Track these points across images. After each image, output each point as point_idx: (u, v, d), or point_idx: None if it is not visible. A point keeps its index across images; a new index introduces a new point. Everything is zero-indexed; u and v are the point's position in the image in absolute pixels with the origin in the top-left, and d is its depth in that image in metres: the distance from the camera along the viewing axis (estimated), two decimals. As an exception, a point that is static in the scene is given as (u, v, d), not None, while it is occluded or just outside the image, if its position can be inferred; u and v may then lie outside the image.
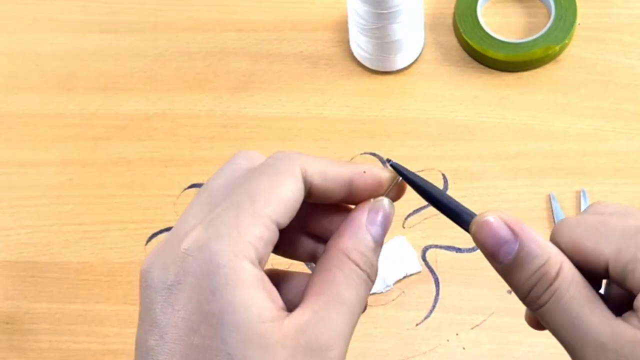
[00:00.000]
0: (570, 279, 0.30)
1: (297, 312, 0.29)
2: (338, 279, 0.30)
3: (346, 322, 0.30)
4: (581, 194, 0.59)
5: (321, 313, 0.29)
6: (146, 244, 0.62)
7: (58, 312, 0.60)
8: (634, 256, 0.28)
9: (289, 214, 0.30)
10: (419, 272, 0.58)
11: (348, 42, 0.67)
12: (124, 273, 0.61)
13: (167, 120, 0.66)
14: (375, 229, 0.32)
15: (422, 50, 0.66)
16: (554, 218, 0.59)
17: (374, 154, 0.63)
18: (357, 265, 0.31)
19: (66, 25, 0.72)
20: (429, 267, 0.58)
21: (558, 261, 0.30)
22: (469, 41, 0.65)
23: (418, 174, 0.36)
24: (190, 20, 0.71)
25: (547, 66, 0.65)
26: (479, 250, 0.57)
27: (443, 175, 0.62)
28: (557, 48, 0.63)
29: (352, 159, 0.63)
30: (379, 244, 0.32)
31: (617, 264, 0.29)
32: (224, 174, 0.32)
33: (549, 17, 0.66)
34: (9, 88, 0.69)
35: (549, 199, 0.59)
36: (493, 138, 0.63)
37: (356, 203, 0.33)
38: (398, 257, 0.58)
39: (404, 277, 0.58)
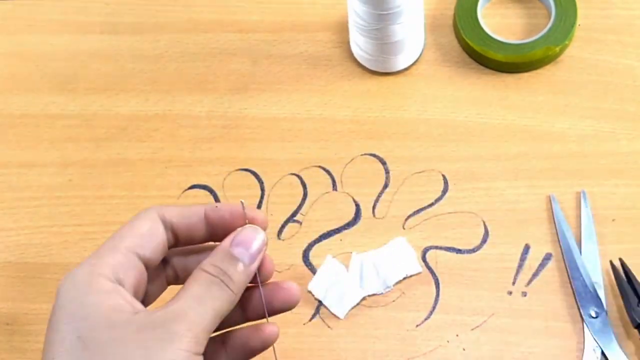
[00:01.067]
0: None
1: (153, 309, 0.35)
2: (189, 284, 0.36)
3: (191, 307, 0.35)
4: (581, 195, 0.59)
5: (169, 303, 0.35)
6: (146, 244, 0.62)
7: (58, 313, 0.60)
8: None
9: (150, 248, 0.38)
10: (419, 273, 0.58)
11: (348, 43, 0.67)
12: (124, 274, 0.61)
13: (167, 121, 0.66)
14: (238, 250, 0.37)
15: (422, 51, 0.66)
16: (554, 219, 0.59)
17: (374, 155, 0.63)
18: (209, 273, 0.36)
19: (66, 26, 0.72)
20: (429, 268, 0.58)
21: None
22: (469, 42, 0.65)
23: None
24: (190, 21, 0.71)
25: (547, 67, 0.65)
26: (479, 252, 0.57)
27: (443, 176, 0.62)
28: (557, 49, 0.64)
29: (352, 159, 0.63)
30: (245, 262, 0.37)
31: None
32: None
33: (549, 18, 0.66)
34: (9, 89, 0.69)
35: (549, 200, 0.59)
36: (493, 139, 0.63)
37: (217, 236, 0.40)
38: (398, 258, 0.58)
39: (404, 278, 0.58)
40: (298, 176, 0.63)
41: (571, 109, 0.63)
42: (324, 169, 0.63)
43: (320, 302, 0.58)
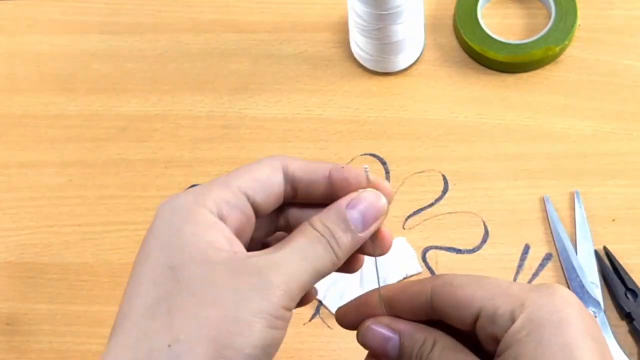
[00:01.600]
0: (443, 345, 0.34)
1: (251, 252, 0.33)
2: (294, 236, 0.34)
3: (292, 259, 0.33)
4: (575, 195, 0.59)
5: (270, 250, 0.33)
6: (146, 245, 0.62)
7: (58, 313, 0.60)
8: (506, 303, 0.32)
9: (264, 193, 0.35)
10: (419, 273, 0.58)
11: (348, 43, 0.67)
12: (124, 274, 0.61)
13: (167, 121, 0.66)
14: (353, 213, 0.34)
15: (422, 51, 0.66)
16: (548, 221, 0.59)
17: (374, 155, 0.63)
18: (316, 230, 0.34)
19: (66, 26, 0.72)
20: (429, 268, 0.58)
21: (432, 337, 0.35)
22: (469, 42, 0.65)
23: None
24: (190, 21, 0.71)
25: (547, 67, 0.65)
26: (479, 252, 0.57)
27: (443, 176, 0.62)
28: (557, 49, 0.64)
29: (352, 160, 0.63)
30: (356, 227, 0.34)
31: (489, 308, 0.32)
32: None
33: (549, 18, 0.66)
34: (9, 89, 0.69)
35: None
36: (493, 139, 0.63)
37: (339, 193, 0.36)
38: (398, 258, 0.58)
39: (404, 278, 0.58)
40: (298, 176, 0.63)
41: (571, 109, 0.63)
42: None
43: (320, 302, 0.58)
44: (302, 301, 0.37)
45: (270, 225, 0.39)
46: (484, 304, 0.33)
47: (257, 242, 0.39)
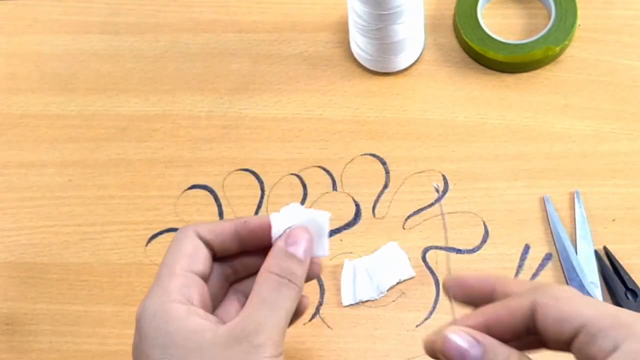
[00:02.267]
0: None
1: (231, 321, 0.39)
2: (260, 288, 0.40)
3: (269, 315, 0.39)
4: (575, 195, 0.59)
5: (246, 313, 0.39)
6: (146, 245, 0.62)
7: (58, 313, 0.60)
8: (611, 325, 0.32)
9: (200, 263, 0.42)
10: (412, 278, 0.58)
11: (348, 43, 0.67)
12: (124, 274, 0.61)
13: (167, 121, 0.66)
14: (296, 248, 0.41)
15: (422, 52, 0.66)
16: (548, 221, 0.59)
17: (374, 155, 0.63)
18: (276, 274, 0.40)
19: (66, 26, 0.72)
20: (429, 268, 0.58)
21: (516, 355, 0.35)
22: (469, 42, 0.65)
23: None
24: (190, 21, 0.71)
25: (547, 67, 0.65)
26: (479, 252, 0.57)
27: (443, 176, 0.62)
28: (557, 49, 0.64)
29: (352, 160, 0.63)
30: (301, 258, 0.41)
31: (593, 327, 0.32)
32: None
33: (549, 18, 0.66)
34: (9, 89, 0.69)
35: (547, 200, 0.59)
36: (493, 139, 0.63)
37: (255, 249, 0.43)
38: (391, 263, 0.58)
39: (398, 283, 0.58)
40: (298, 176, 0.63)
41: (571, 109, 0.63)
42: (324, 169, 0.63)
43: (320, 302, 0.58)
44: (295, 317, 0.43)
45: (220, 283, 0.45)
46: (586, 321, 0.33)
47: (216, 301, 0.45)
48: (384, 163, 0.63)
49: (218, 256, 0.44)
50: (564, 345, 0.34)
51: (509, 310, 0.36)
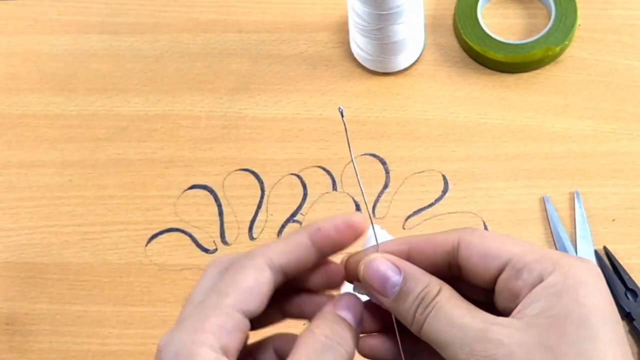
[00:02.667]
0: (449, 294, 0.33)
1: None
2: (301, 347, 0.33)
3: None
4: (575, 195, 0.59)
5: None
6: (146, 245, 0.62)
7: (58, 313, 0.60)
8: (537, 260, 0.32)
9: (256, 302, 0.34)
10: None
11: (348, 43, 0.67)
12: (124, 274, 0.61)
13: (167, 121, 0.66)
14: (344, 313, 0.35)
15: (422, 51, 0.66)
16: (549, 221, 0.59)
17: (374, 155, 0.63)
18: (323, 335, 0.34)
19: (66, 26, 0.72)
20: (429, 268, 0.58)
21: (438, 284, 0.34)
22: (469, 42, 0.65)
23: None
24: (190, 21, 0.71)
25: (547, 67, 0.65)
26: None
27: (443, 176, 0.62)
28: (557, 49, 0.64)
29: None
30: (351, 322, 0.35)
31: (518, 262, 0.32)
32: (201, 282, 0.36)
33: (549, 18, 0.66)
34: (9, 89, 0.69)
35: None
36: (493, 139, 0.63)
37: (330, 255, 0.37)
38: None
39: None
40: (298, 176, 0.63)
41: (571, 109, 0.63)
42: (324, 169, 0.63)
43: (320, 302, 0.58)
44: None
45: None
46: (512, 257, 0.33)
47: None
48: (384, 163, 0.63)
49: (293, 276, 0.37)
50: (487, 282, 0.34)
51: (432, 243, 0.35)
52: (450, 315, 0.32)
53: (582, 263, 0.32)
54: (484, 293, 0.35)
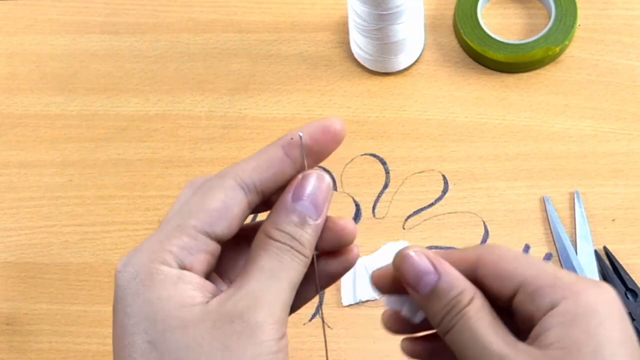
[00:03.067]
0: (479, 306, 0.32)
1: (222, 293, 0.31)
2: (257, 255, 0.32)
3: (266, 288, 0.31)
4: (575, 195, 0.59)
5: (240, 284, 0.31)
6: (146, 245, 0.62)
7: (58, 313, 0.60)
8: (549, 284, 0.31)
9: (223, 224, 0.32)
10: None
11: (348, 43, 0.67)
12: (124, 274, 0.61)
13: (167, 121, 0.66)
14: (302, 204, 0.32)
15: (422, 52, 0.66)
16: (549, 221, 0.59)
17: (374, 155, 0.63)
18: (276, 240, 0.32)
19: (66, 26, 0.72)
20: (429, 268, 0.58)
21: (471, 292, 0.33)
22: (469, 42, 0.65)
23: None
24: (190, 21, 0.71)
25: (547, 67, 0.65)
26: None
27: (443, 176, 0.62)
28: (557, 49, 0.64)
29: (352, 160, 0.63)
30: (311, 217, 0.33)
31: (530, 285, 0.32)
32: (174, 205, 0.34)
33: (549, 18, 0.66)
34: (9, 89, 0.69)
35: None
36: (493, 139, 0.63)
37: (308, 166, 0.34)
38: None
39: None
40: (298, 176, 0.63)
41: (571, 109, 0.63)
42: (323, 168, 0.63)
43: (320, 302, 0.58)
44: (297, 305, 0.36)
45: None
46: (525, 280, 0.32)
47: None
48: (384, 163, 0.63)
49: (271, 193, 0.34)
50: (504, 302, 0.33)
51: (452, 259, 0.34)
52: (475, 332, 0.32)
53: (596, 289, 0.32)
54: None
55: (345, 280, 0.58)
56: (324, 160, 0.34)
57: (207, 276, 0.33)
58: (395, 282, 0.35)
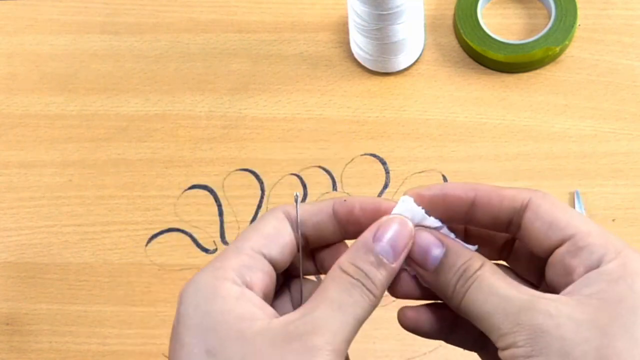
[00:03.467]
0: (493, 267, 0.32)
1: (285, 316, 0.32)
2: (327, 286, 0.32)
3: (331, 316, 0.31)
4: (575, 195, 0.59)
5: (307, 310, 0.32)
6: (146, 245, 0.62)
7: (58, 313, 0.60)
8: (601, 242, 0.31)
9: (278, 247, 0.34)
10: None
11: (348, 43, 0.67)
12: (124, 274, 0.61)
13: (167, 121, 0.66)
14: (382, 245, 0.33)
15: (422, 52, 0.66)
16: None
17: (374, 155, 0.63)
18: (349, 275, 0.32)
19: (66, 26, 0.72)
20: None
21: (480, 258, 0.33)
22: (469, 42, 0.65)
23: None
24: (190, 21, 0.71)
25: (547, 67, 0.65)
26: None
27: (443, 176, 0.62)
28: (557, 49, 0.64)
29: (352, 160, 0.63)
30: (387, 259, 0.33)
31: (582, 240, 0.31)
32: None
33: (549, 18, 0.66)
34: (9, 89, 0.69)
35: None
36: (493, 139, 0.63)
37: (349, 233, 0.36)
38: None
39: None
40: (298, 176, 0.63)
41: (571, 109, 0.63)
42: (324, 169, 0.63)
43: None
44: None
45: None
46: (578, 233, 0.32)
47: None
48: (384, 163, 0.63)
49: (313, 242, 0.36)
50: (544, 250, 0.33)
51: (501, 196, 0.34)
52: (494, 285, 0.31)
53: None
54: (533, 270, 0.35)
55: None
56: (365, 230, 0.34)
57: (265, 298, 0.34)
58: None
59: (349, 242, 0.36)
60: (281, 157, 0.64)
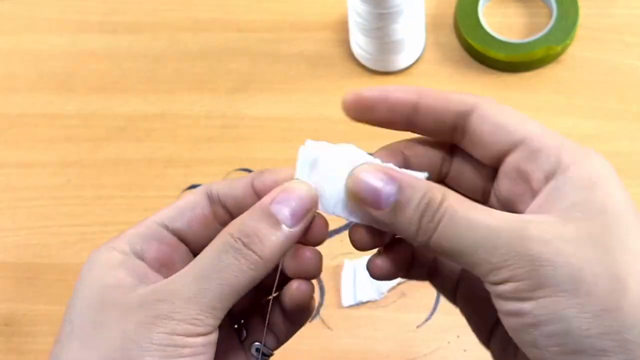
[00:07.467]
0: (459, 197, 0.29)
1: (155, 284, 0.31)
2: (205, 250, 0.31)
3: (190, 282, 0.30)
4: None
5: (173, 277, 0.30)
6: (145, 245, 0.61)
7: (56, 313, 0.60)
8: (558, 143, 0.30)
9: (185, 218, 0.34)
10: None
11: (348, 42, 0.67)
12: (123, 274, 0.60)
13: (166, 120, 0.66)
14: (279, 207, 0.31)
15: (422, 51, 0.66)
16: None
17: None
18: (230, 235, 0.30)
19: (65, 26, 0.72)
20: (430, 269, 0.58)
21: (440, 188, 0.30)
22: (470, 41, 0.64)
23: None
24: (189, 20, 0.70)
25: (549, 66, 0.65)
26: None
27: (444, 176, 0.61)
28: (559, 48, 0.63)
29: (352, 159, 0.63)
30: (285, 223, 0.31)
31: (535, 143, 0.30)
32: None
33: (551, 17, 0.65)
34: (8, 88, 0.69)
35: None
36: (494, 139, 0.62)
37: None
38: None
39: (398, 284, 0.57)
40: (298, 176, 0.63)
41: (573, 108, 0.63)
42: (324, 169, 0.63)
43: (320, 303, 0.57)
44: (298, 319, 0.38)
45: None
46: (529, 136, 0.30)
47: None
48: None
49: (236, 216, 0.34)
50: (492, 157, 0.31)
51: (446, 100, 0.32)
52: (471, 218, 0.28)
53: (598, 155, 0.30)
54: (481, 183, 0.33)
55: (346, 281, 0.58)
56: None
57: (162, 267, 0.33)
58: None
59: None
60: (281, 157, 0.63)
